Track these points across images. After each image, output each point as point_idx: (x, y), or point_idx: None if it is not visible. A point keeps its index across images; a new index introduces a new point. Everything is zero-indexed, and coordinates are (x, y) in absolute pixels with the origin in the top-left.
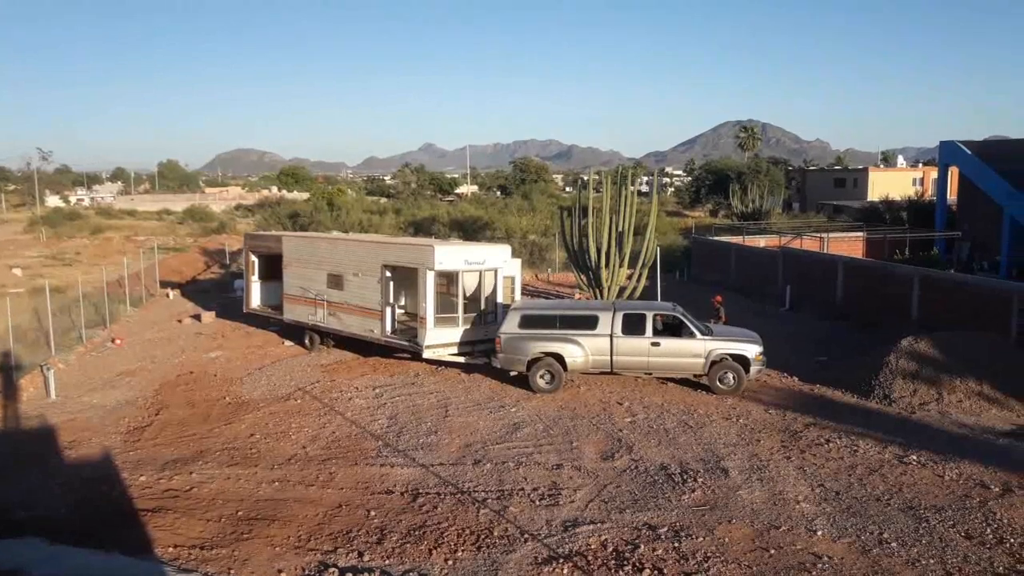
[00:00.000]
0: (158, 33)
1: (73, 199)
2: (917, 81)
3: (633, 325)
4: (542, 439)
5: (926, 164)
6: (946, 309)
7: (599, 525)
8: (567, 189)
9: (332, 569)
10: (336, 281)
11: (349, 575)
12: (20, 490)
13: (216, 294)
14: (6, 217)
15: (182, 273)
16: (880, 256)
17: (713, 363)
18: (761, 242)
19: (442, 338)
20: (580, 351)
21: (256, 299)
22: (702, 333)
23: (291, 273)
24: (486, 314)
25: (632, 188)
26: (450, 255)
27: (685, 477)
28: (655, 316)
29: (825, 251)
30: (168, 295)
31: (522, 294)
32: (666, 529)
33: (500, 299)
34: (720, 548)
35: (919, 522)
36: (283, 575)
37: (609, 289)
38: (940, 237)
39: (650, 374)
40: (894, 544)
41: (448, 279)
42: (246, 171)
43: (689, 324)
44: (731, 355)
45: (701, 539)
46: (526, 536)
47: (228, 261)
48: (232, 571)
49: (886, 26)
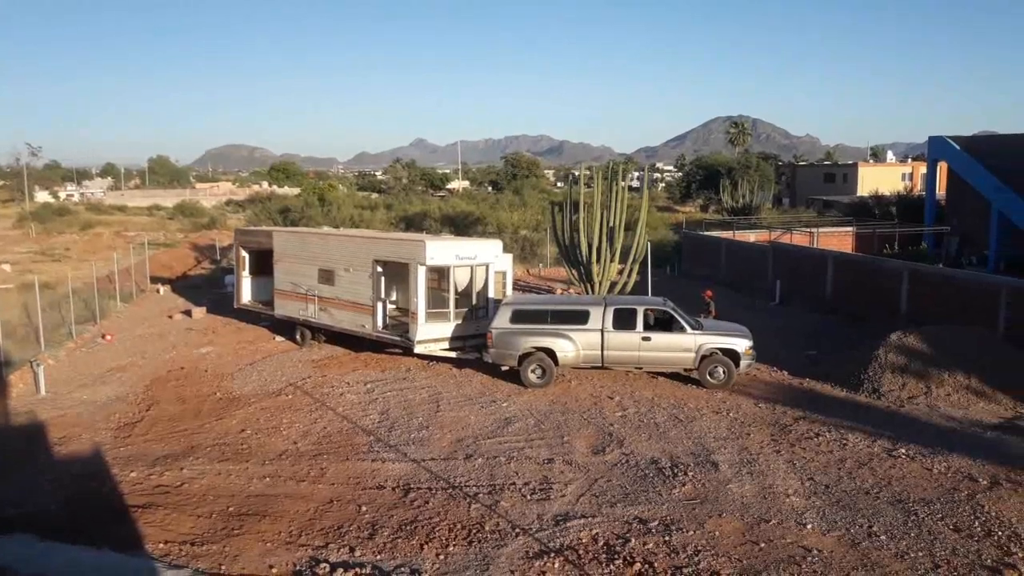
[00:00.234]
0: (149, 29)
1: (63, 195)
2: (906, 77)
3: (624, 320)
4: (533, 434)
5: (915, 159)
6: (935, 303)
7: (590, 519)
8: (558, 184)
9: (323, 564)
10: (327, 276)
11: (340, 570)
12: (10, 487)
13: (207, 290)
14: None
15: (172, 269)
16: (869, 251)
17: (703, 357)
18: (751, 237)
19: (433, 333)
20: (571, 346)
21: (247, 295)
22: (692, 328)
23: (282, 268)
24: (477, 309)
25: (623, 183)
26: (441, 250)
27: (675, 471)
28: (646, 311)
29: (815, 246)
30: (158, 291)
31: (513, 289)
32: (657, 523)
33: (491, 294)
34: (710, 541)
35: (908, 515)
36: (274, 570)
37: (600, 284)
38: (929, 232)
39: (641, 368)
40: (883, 537)
41: (439, 274)
42: (237, 166)
43: (679, 319)
44: (721, 349)
45: (691, 533)
46: (517, 530)
47: (219, 257)
48: (223, 567)
49: (876, 23)
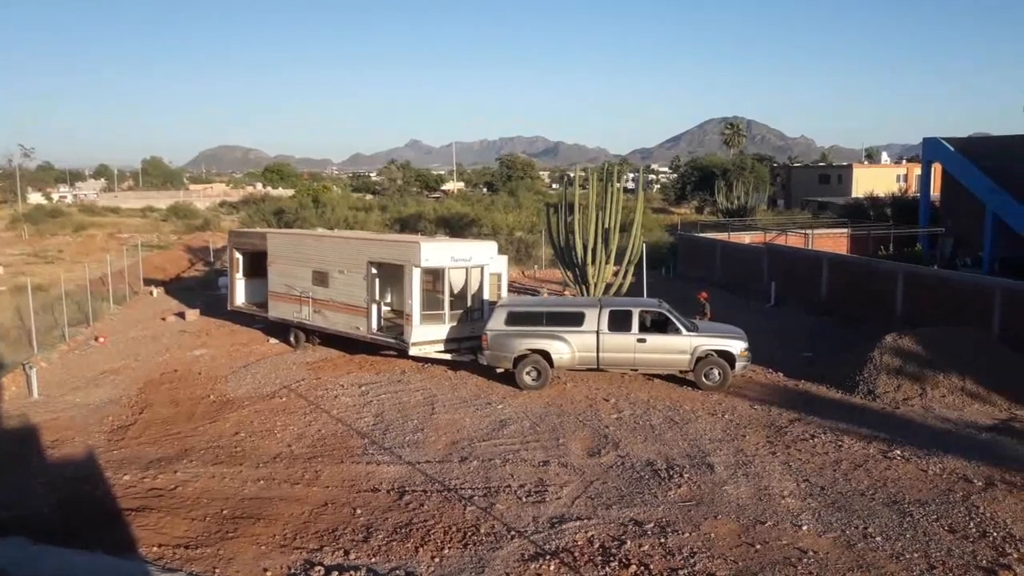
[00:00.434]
0: (142, 30)
1: (56, 196)
2: (901, 78)
3: (619, 322)
4: (528, 436)
5: (910, 161)
6: (930, 305)
7: (585, 521)
8: (553, 186)
9: (318, 567)
10: (321, 278)
11: (335, 573)
12: (2, 490)
13: (200, 292)
14: None
15: (166, 271)
16: (864, 252)
17: (699, 359)
18: (746, 238)
19: (428, 335)
20: (566, 348)
21: (241, 296)
22: (688, 329)
23: (276, 270)
24: (472, 311)
25: (618, 185)
26: (436, 252)
27: (671, 473)
28: (641, 313)
29: (810, 247)
30: (152, 293)
31: (508, 291)
32: (652, 525)
33: (486, 296)
34: (706, 543)
35: (903, 516)
36: (269, 574)
37: (595, 286)
38: (924, 233)
39: (636, 370)
40: (879, 538)
41: (434, 276)
42: (231, 168)
43: (675, 320)
44: (716, 351)
45: (687, 535)
46: (513, 533)
47: (212, 258)
48: (217, 570)
49: (870, 25)
